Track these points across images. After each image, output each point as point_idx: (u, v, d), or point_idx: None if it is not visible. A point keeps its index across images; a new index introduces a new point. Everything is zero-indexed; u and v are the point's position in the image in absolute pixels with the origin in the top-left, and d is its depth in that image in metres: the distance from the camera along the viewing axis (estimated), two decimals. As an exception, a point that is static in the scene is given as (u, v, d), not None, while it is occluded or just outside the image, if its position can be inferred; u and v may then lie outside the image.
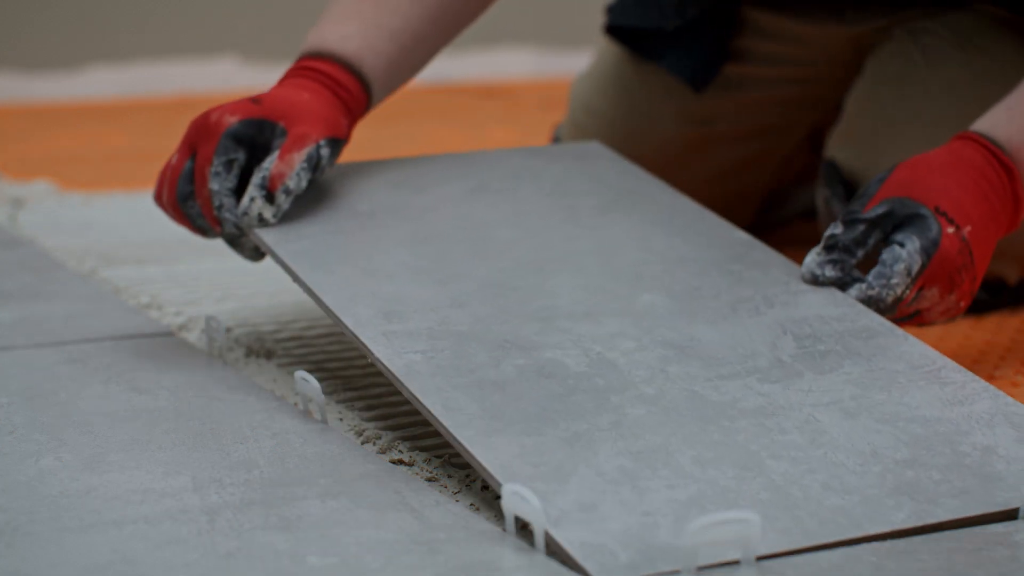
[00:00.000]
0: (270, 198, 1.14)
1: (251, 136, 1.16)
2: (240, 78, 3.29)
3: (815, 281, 1.09)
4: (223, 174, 1.14)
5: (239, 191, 1.16)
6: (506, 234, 1.15)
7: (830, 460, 0.89)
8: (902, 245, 1.07)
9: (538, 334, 1.00)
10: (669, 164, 1.61)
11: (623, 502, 0.83)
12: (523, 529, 0.86)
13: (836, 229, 1.09)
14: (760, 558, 0.80)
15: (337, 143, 1.18)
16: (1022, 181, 1.12)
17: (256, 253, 1.18)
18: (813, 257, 1.10)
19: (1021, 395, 1.12)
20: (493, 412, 0.91)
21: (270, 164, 1.14)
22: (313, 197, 1.19)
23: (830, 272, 1.09)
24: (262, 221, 1.14)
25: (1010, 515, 0.87)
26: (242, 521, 0.86)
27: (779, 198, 1.71)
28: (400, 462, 0.99)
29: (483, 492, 0.94)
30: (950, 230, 1.08)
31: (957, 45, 1.39)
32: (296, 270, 1.09)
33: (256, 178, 1.14)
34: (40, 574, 0.79)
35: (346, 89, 1.21)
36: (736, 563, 0.80)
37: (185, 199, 1.16)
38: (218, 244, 1.66)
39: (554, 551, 0.81)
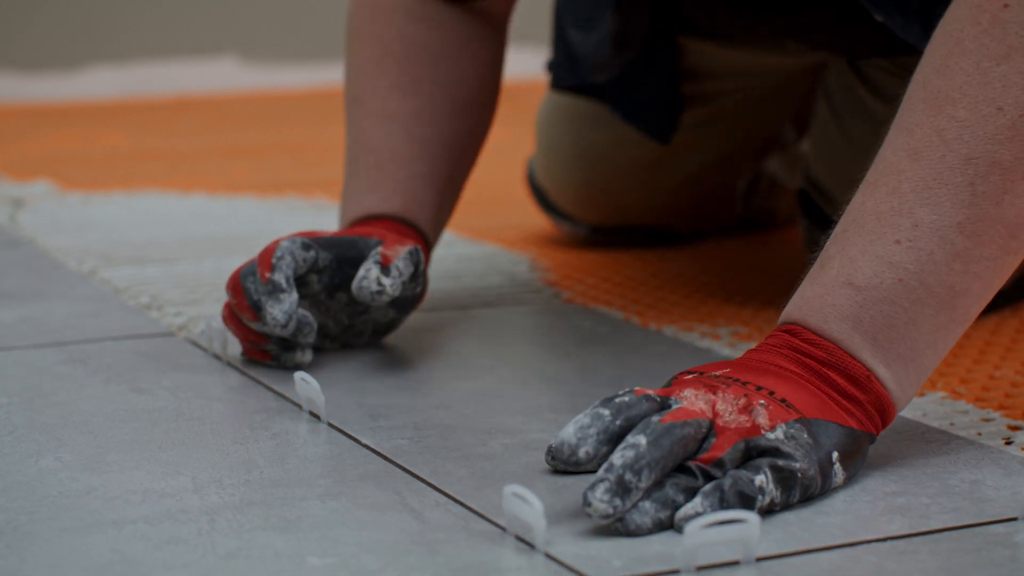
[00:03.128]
0: (385, 271, 1.13)
1: (342, 252, 1.17)
2: (240, 78, 3.29)
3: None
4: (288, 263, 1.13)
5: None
6: (487, 362, 1.20)
7: (819, 497, 0.90)
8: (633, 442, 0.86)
9: (523, 423, 1.04)
10: (643, 171, 1.62)
11: (615, 529, 0.85)
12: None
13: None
14: (759, 559, 0.81)
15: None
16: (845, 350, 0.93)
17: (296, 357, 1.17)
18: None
19: (1021, 394, 1.12)
20: (481, 475, 0.94)
21: (377, 250, 1.15)
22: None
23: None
24: (380, 288, 1.12)
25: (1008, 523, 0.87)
26: (242, 521, 0.86)
27: (754, 188, 1.72)
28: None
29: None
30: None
31: (895, 71, 1.39)
32: (282, 391, 1.11)
33: (370, 259, 1.14)
34: (40, 574, 0.79)
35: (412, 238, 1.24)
36: (736, 563, 0.80)
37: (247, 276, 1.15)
38: (216, 244, 1.66)
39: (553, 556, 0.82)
